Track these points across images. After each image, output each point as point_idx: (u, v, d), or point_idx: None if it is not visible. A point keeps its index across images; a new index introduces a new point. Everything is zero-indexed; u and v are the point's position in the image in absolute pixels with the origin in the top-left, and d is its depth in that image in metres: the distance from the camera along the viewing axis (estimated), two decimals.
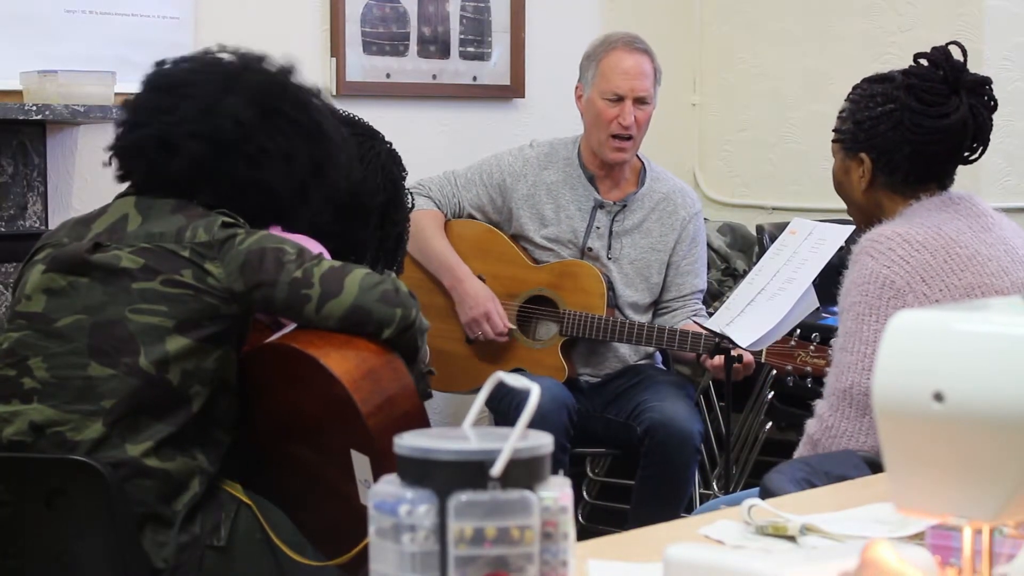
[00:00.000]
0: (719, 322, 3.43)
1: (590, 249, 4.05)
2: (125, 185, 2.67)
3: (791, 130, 5.09)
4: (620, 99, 3.98)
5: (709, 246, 4.79)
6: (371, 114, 3.22)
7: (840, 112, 2.66)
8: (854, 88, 2.64)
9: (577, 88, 4.10)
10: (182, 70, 2.59)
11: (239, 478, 2.56)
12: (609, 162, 4.04)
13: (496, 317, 4.01)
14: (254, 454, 2.59)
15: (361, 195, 2.98)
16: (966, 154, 2.58)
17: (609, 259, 4.05)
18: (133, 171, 2.59)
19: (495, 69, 4.75)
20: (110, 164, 2.62)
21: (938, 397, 1.18)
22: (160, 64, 2.64)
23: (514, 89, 4.79)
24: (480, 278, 4.07)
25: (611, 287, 4.03)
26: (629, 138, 3.99)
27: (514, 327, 4.05)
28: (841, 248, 3.18)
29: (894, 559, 1.16)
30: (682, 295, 4.10)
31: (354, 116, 3.12)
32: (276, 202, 2.57)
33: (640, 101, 3.99)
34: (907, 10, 4.81)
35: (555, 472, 1.21)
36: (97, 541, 2.39)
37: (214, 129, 2.50)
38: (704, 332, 3.78)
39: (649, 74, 4.01)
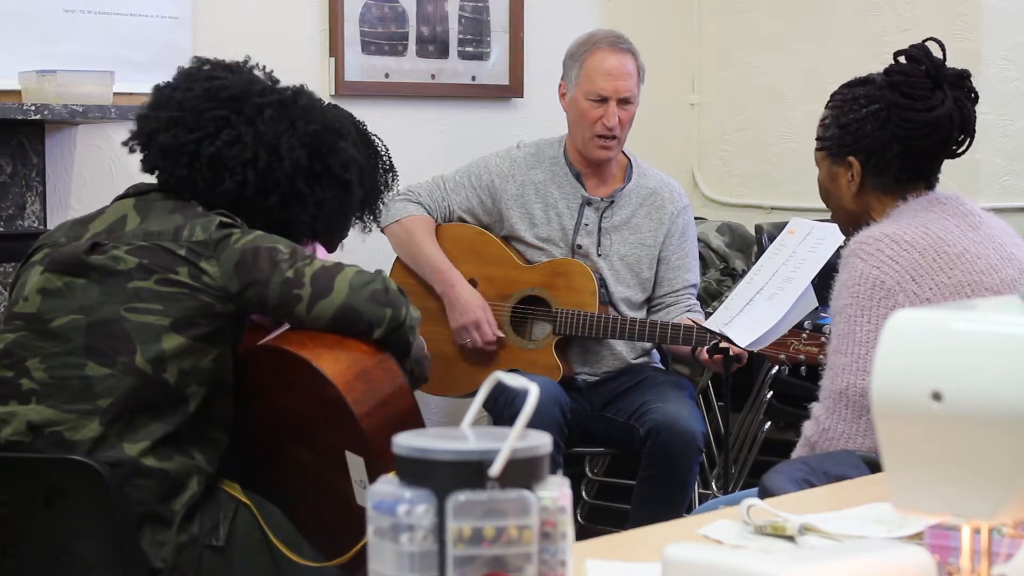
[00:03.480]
0: (718, 322, 3.43)
1: (579, 246, 4.06)
2: (124, 185, 2.67)
3: (790, 130, 5.09)
4: (604, 100, 3.98)
5: (708, 246, 4.79)
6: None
7: (822, 120, 2.63)
8: (833, 95, 2.63)
9: (561, 86, 4.10)
10: (237, 83, 2.60)
11: (237, 478, 2.56)
12: (594, 160, 4.05)
13: (486, 326, 4.01)
14: (252, 454, 2.59)
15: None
16: (954, 147, 2.58)
17: (599, 255, 4.06)
18: (164, 170, 2.59)
19: (494, 69, 4.75)
20: (135, 147, 2.62)
21: (936, 397, 1.18)
22: (202, 64, 2.64)
23: (513, 89, 4.79)
24: (472, 281, 4.07)
25: (603, 284, 4.03)
26: (614, 137, 4.00)
27: (503, 335, 4.04)
28: (839, 248, 3.17)
29: None
30: (674, 290, 4.10)
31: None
32: (288, 236, 2.60)
33: (624, 101, 4.00)
34: (905, 10, 4.81)
35: (551, 469, 1.21)
36: (96, 541, 2.39)
37: (268, 167, 2.55)
38: (696, 325, 3.79)
39: (633, 74, 4.02)
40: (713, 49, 5.27)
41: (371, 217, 3.09)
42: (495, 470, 1.14)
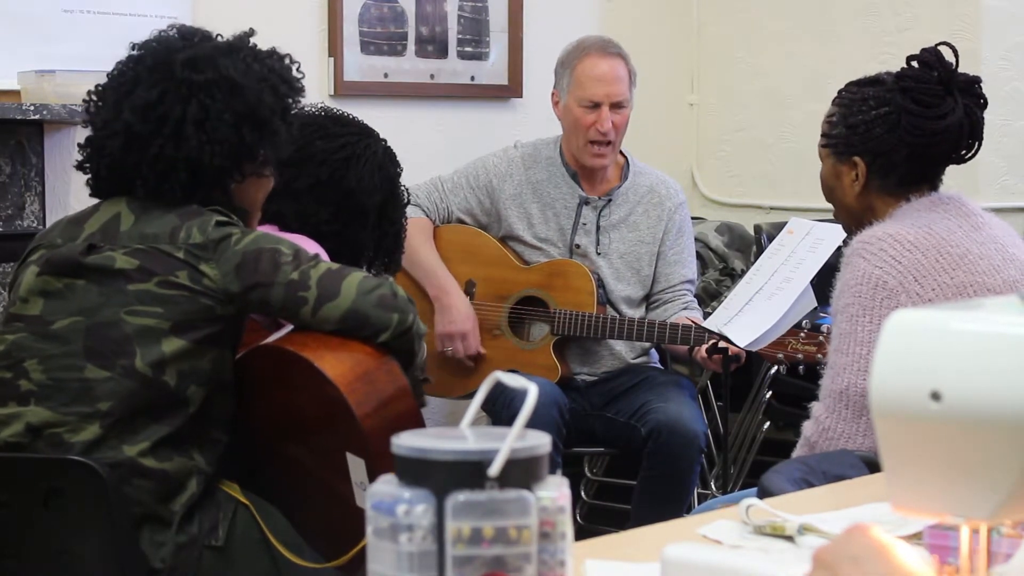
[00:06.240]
0: (717, 322, 3.44)
1: (578, 246, 4.07)
2: None
3: (789, 130, 5.09)
4: (597, 106, 3.99)
5: (707, 246, 4.79)
6: (369, 114, 3.22)
7: (829, 116, 2.63)
8: (841, 92, 2.62)
9: (553, 95, 4.12)
10: (108, 75, 2.60)
11: (237, 478, 2.56)
12: (590, 167, 4.06)
13: (472, 339, 4.02)
14: (252, 455, 2.59)
15: (359, 195, 2.98)
16: (963, 152, 2.58)
17: (598, 254, 4.07)
18: (90, 183, 2.61)
19: (493, 69, 4.75)
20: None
21: (935, 396, 1.18)
22: None
23: (512, 89, 4.79)
24: (470, 282, 4.07)
25: (601, 284, 4.04)
26: (608, 143, 4.01)
27: (484, 351, 4.05)
28: (839, 247, 3.18)
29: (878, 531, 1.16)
30: (671, 285, 4.10)
31: (348, 115, 3.12)
32: (212, 169, 2.50)
33: (617, 106, 4.01)
34: (905, 10, 4.81)
35: (549, 470, 1.21)
36: (95, 541, 2.38)
37: (125, 123, 2.50)
38: (694, 324, 3.80)
39: (624, 78, 4.03)
40: (713, 49, 5.27)
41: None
42: (494, 470, 1.14)
